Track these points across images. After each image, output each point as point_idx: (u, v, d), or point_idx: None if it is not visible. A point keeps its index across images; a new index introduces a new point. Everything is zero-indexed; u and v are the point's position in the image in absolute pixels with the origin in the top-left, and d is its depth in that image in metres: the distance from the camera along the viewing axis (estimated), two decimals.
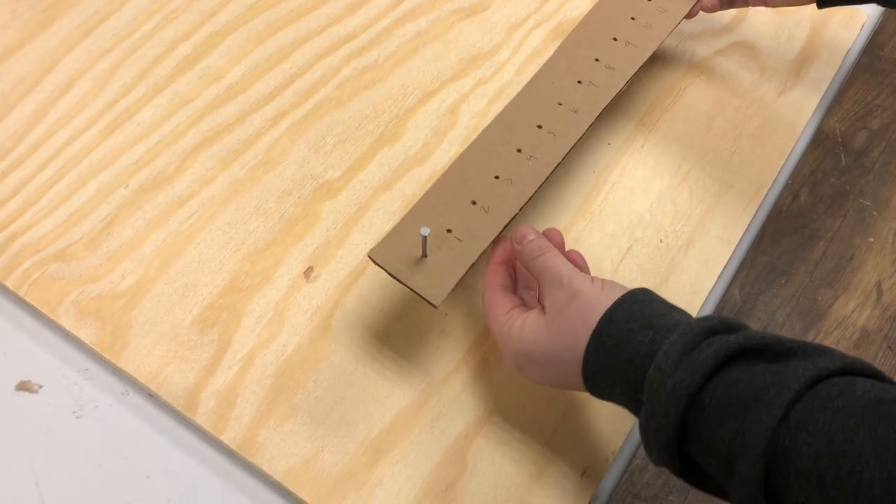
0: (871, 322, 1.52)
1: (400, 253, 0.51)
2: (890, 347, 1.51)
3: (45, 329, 0.55)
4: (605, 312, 0.45)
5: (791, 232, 1.62)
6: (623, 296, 0.45)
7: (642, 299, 0.45)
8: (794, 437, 0.37)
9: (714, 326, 0.42)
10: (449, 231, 0.52)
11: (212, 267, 0.57)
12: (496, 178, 0.55)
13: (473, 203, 0.54)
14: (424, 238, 0.50)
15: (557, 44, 0.71)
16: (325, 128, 0.65)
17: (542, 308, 0.48)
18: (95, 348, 0.53)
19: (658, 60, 0.67)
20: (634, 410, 0.44)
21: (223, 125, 0.64)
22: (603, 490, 0.52)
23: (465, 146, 0.64)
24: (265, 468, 0.50)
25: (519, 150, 0.56)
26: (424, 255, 0.51)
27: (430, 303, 0.50)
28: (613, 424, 0.53)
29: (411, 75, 0.68)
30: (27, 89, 0.65)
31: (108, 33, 0.68)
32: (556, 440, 0.52)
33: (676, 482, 1.33)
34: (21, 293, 0.55)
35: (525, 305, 0.51)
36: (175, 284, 0.56)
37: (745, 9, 0.75)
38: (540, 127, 0.58)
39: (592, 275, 0.49)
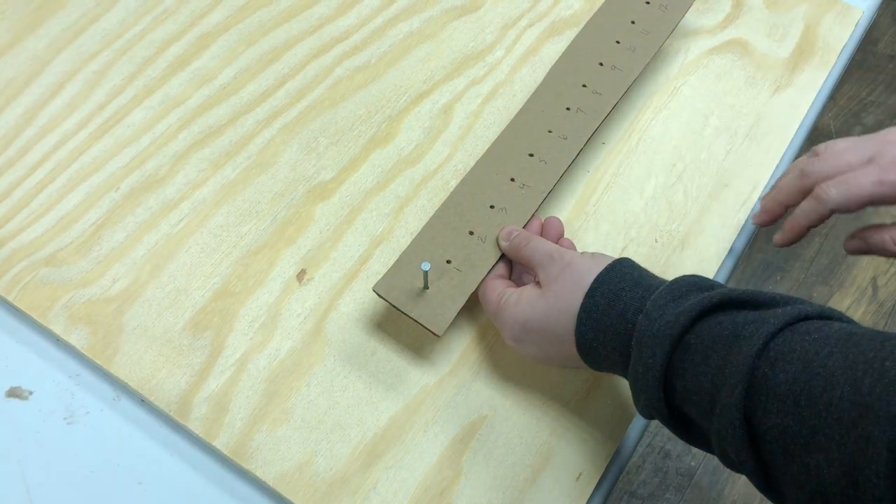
0: (866, 319, 1.52)
1: (403, 285, 0.53)
2: None
3: (35, 334, 0.54)
4: (598, 275, 0.48)
5: None
6: (613, 262, 0.49)
7: (631, 265, 0.49)
8: (773, 366, 0.39)
9: (698, 282, 0.46)
10: (448, 262, 0.54)
11: (204, 270, 0.57)
12: (491, 207, 0.57)
13: (471, 233, 0.55)
14: (426, 272, 0.51)
15: (551, 43, 0.71)
16: (317, 129, 0.64)
17: (537, 284, 0.51)
18: (86, 354, 0.53)
19: (652, 60, 0.66)
20: (624, 368, 0.46)
21: (215, 127, 0.64)
22: (599, 494, 0.51)
23: (458, 146, 0.64)
24: (258, 474, 0.49)
25: (512, 179, 0.58)
26: (426, 287, 0.53)
27: (433, 332, 0.51)
28: (610, 427, 0.53)
29: (404, 75, 0.68)
30: (16, 92, 0.64)
31: (98, 35, 0.68)
32: (551, 443, 0.52)
33: (674, 480, 1.33)
34: (11, 298, 0.54)
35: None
36: (167, 288, 0.56)
37: (738, 7, 0.74)
38: (531, 155, 0.59)
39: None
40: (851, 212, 0.51)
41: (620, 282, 0.47)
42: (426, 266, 0.51)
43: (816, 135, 1.71)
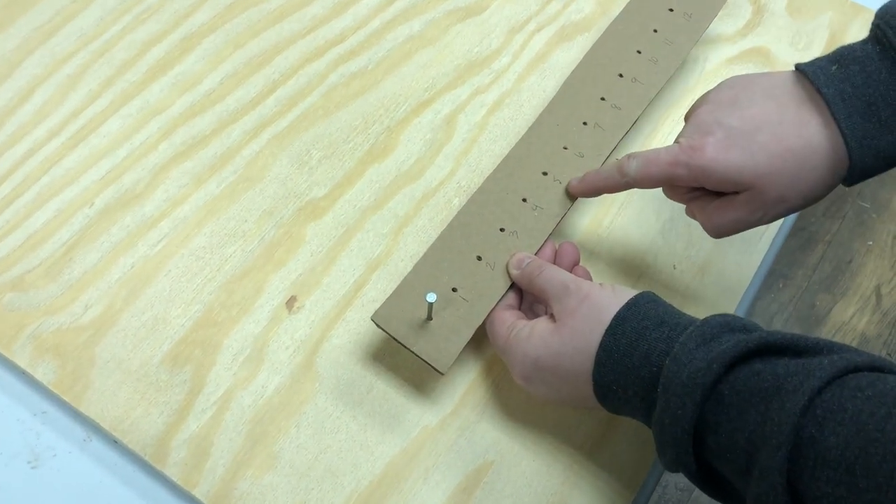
0: (870, 328, 1.49)
1: (403, 315, 0.49)
2: (889, 354, 1.48)
3: None
4: (619, 311, 0.44)
5: (789, 235, 1.59)
6: (635, 296, 0.45)
7: (654, 300, 0.45)
8: (821, 426, 0.35)
9: (730, 322, 0.42)
10: (454, 290, 0.50)
11: (184, 297, 0.53)
12: (501, 230, 0.53)
13: (479, 259, 0.52)
14: (430, 304, 0.47)
15: (561, 49, 0.67)
16: (309, 140, 0.60)
17: (550, 317, 0.47)
18: (54, 389, 0.49)
19: None
20: (647, 415, 0.43)
21: (198, 138, 0.60)
22: None
23: (462, 161, 0.60)
24: None
25: (524, 200, 0.54)
26: (430, 318, 0.49)
27: (435, 369, 0.48)
28: (627, 474, 0.49)
29: (404, 83, 0.64)
30: None
31: (73, 35, 0.64)
32: (563, 493, 0.48)
33: (673, 495, 1.30)
34: None
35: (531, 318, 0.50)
36: (143, 317, 0.52)
37: (759, 13, 0.70)
38: (545, 174, 0.56)
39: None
40: (649, 188, 0.51)
41: (644, 319, 0.44)
42: (432, 297, 0.47)
43: None
